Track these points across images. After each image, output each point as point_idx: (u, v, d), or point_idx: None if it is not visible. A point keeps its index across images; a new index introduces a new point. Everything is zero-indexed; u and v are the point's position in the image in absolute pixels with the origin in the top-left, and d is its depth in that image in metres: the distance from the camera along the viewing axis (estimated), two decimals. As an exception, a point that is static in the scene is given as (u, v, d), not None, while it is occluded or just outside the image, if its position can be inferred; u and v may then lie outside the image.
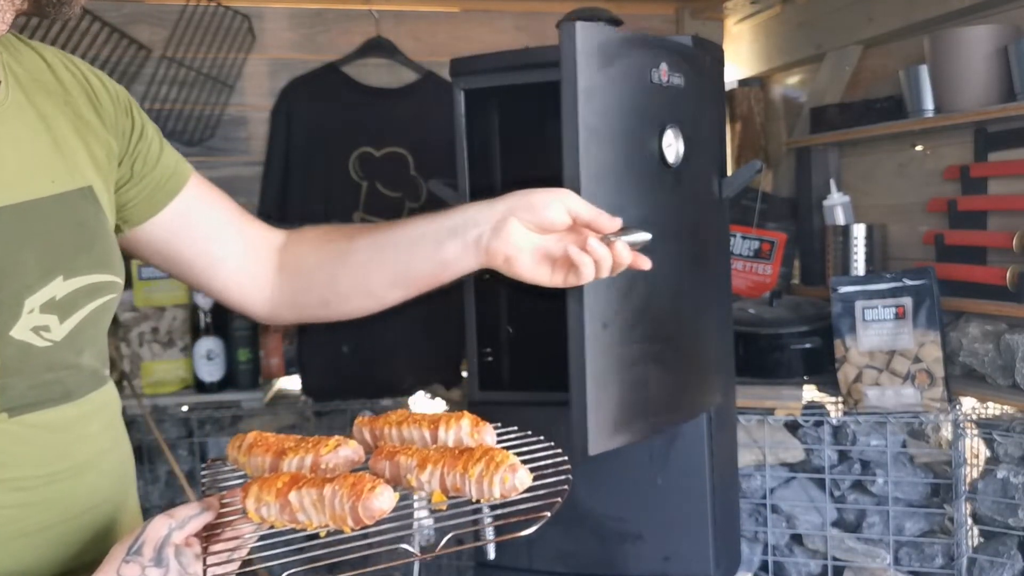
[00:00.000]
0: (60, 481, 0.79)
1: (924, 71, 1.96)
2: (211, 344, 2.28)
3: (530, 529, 0.73)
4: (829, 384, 2.05)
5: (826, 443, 1.98)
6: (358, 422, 0.93)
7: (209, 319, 2.28)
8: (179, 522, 0.72)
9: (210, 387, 2.30)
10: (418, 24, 2.63)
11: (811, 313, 2.15)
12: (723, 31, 2.86)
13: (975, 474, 1.91)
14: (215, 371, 2.29)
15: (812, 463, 2.01)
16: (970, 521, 1.89)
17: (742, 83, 2.76)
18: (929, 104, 1.97)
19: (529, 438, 0.89)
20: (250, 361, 2.33)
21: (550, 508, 0.75)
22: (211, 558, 0.73)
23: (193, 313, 2.32)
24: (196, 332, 2.30)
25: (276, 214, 2.38)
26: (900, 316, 1.91)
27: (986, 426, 1.85)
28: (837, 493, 2.00)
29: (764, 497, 1.99)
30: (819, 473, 1.98)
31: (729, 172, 1.83)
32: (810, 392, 2.09)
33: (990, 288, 1.84)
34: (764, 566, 2.00)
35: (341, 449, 0.82)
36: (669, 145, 1.37)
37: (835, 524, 2.00)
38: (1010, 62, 1.78)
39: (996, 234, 1.88)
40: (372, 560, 0.77)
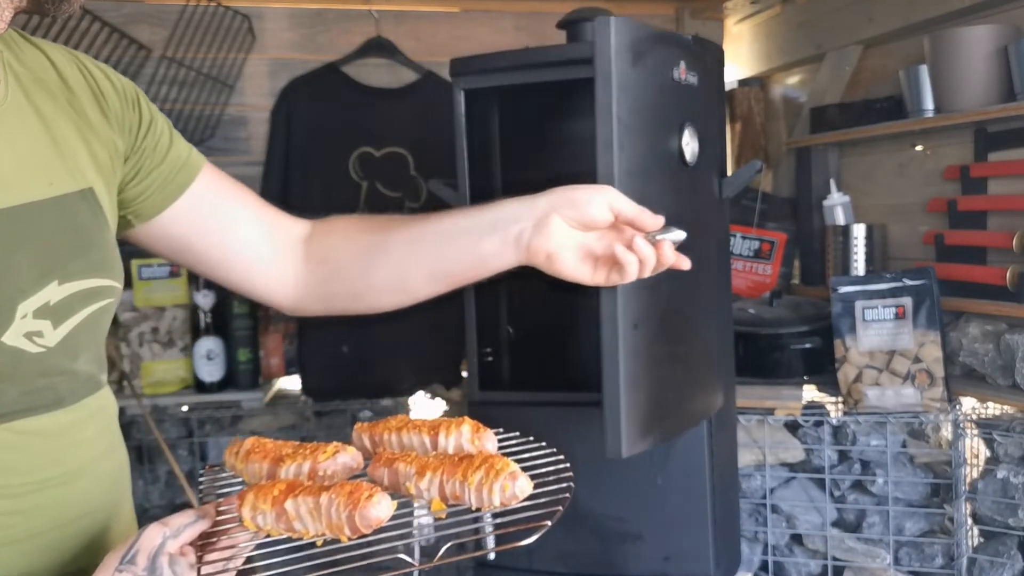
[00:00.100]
0: (51, 488, 0.77)
1: (924, 71, 1.96)
2: (211, 344, 2.28)
3: (530, 539, 0.72)
4: (829, 384, 2.05)
5: (826, 443, 1.98)
6: (357, 428, 0.91)
7: (209, 319, 2.28)
8: (174, 530, 0.71)
9: (210, 387, 2.30)
10: (418, 24, 2.63)
11: (811, 313, 2.15)
12: (723, 31, 2.86)
13: (975, 474, 1.91)
14: (215, 371, 2.29)
15: (812, 463, 2.01)
16: (970, 521, 1.89)
17: (742, 83, 2.76)
18: (929, 104, 1.97)
19: (531, 444, 0.88)
20: (250, 361, 2.33)
21: (551, 517, 0.74)
22: (206, 567, 0.71)
23: (193, 313, 2.32)
24: (196, 332, 2.30)
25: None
26: (900, 316, 1.91)
27: (986, 426, 1.85)
28: (837, 493, 2.00)
29: (764, 497, 1.99)
30: (819, 473, 1.98)
31: (729, 172, 1.83)
32: (810, 392, 2.09)
33: (990, 288, 1.84)
34: (764, 566, 2.00)
35: (339, 456, 0.81)
36: (687, 144, 1.37)
37: (835, 524, 2.00)
38: (1010, 62, 1.78)
39: (996, 234, 1.88)
40: (370, 570, 0.76)
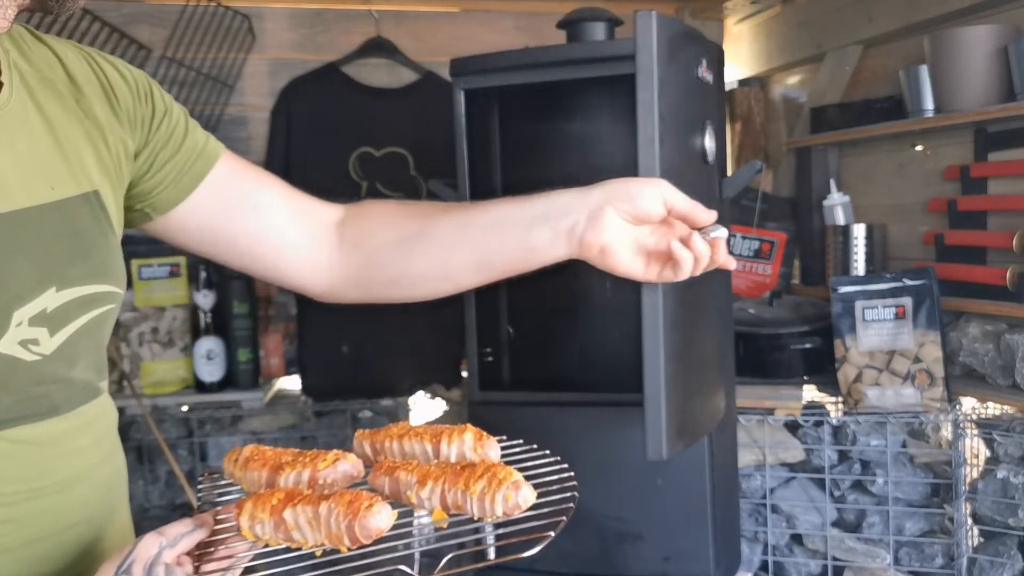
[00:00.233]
0: (45, 496, 0.76)
1: (924, 71, 1.96)
2: (211, 344, 2.28)
3: (533, 550, 0.71)
4: (829, 384, 2.05)
5: (826, 443, 1.98)
6: (358, 435, 0.90)
7: (209, 319, 2.28)
8: (170, 540, 0.69)
9: (210, 387, 2.30)
10: (418, 24, 2.63)
11: (811, 313, 2.15)
12: (723, 31, 2.86)
13: (975, 474, 1.91)
14: (215, 371, 2.29)
15: (812, 463, 2.01)
16: (970, 521, 1.89)
17: (742, 83, 2.76)
18: (929, 104, 1.97)
19: (535, 452, 0.87)
20: (250, 361, 2.32)
21: (554, 527, 0.72)
22: None
23: (193, 313, 2.32)
24: (196, 332, 2.30)
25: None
26: (900, 316, 1.91)
27: (986, 426, 1.85)
28: (837, 493, 2.00)
29: (764, 497, 1.99)
30: (819, 473, 1.98)
31: (729, 172, 1.83)
32: (810, 392, 2.09)
33: (990, 288, 1.84)
34: (764, 566, 2.00)
35: (340, 464, 0.80)
36: (708, 142, 1.37)
37: (835, 524, 2.00)
38: (1010, 62, 1.78)
39: (996, 234, 1.88)
40: None
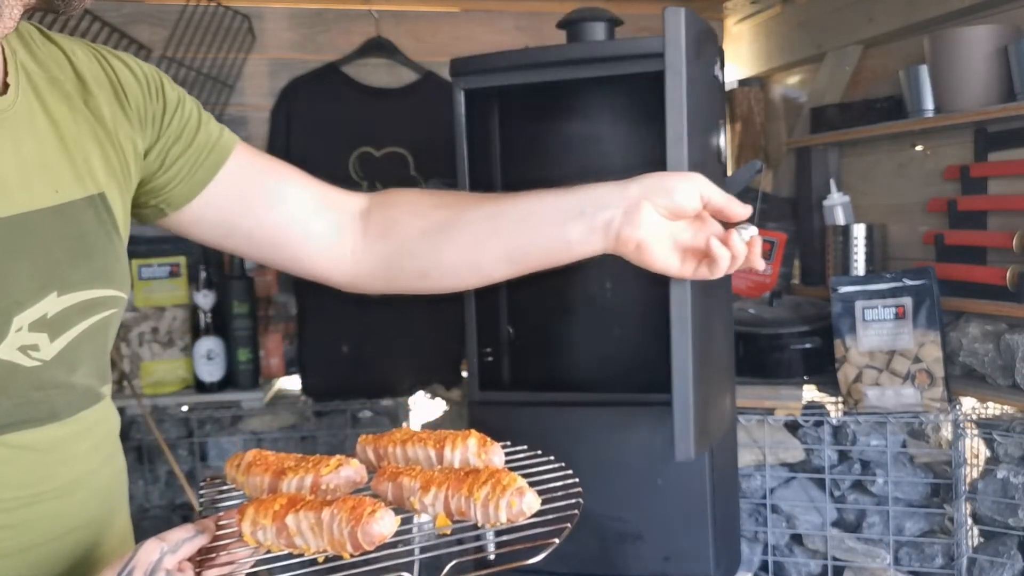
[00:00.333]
0: (42, 502, 0.76)
1: (924, 71, 1.96)
2: (211, 344, 2.28)
3: (538, 557, 0.71)
4: (829, 384, 2.05)
5: (826, 443, 1.98)
6: (361, 440, 0.90)
7: (209, 319, 2.28)
8: (172, 546, 0.69)
9: (210, 387, 2.30)
10: (418, 24, 2.63)
11: (811, 313, 2.15)
12: (723, 31, 2.86)
13: (975, 474, 1.91)
14: (215, 371, 2.29)
15: (812, 463, 2.01)
16: (970, 521, 1.89)
17: (742, 83, 2.76)
18: (929, 104, 1.97)
19: (539, 457, 0.87)
20: (250, 361, 2.32)
21: (559, 534, 0.72)
22: None
23: (193, 313, 2.32)
24: (196, 332, 2.30)
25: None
26: (900, 316, 1.91)
27: (986, 426, 1.85)
28: (837, 493, 2.00)
29: (764, 497, 1.99)
30: (819, 473, 1.98)
31: (729, 172, 1.83)
32: (810, 392, 2.09)
33: (990, 288, 1.84)
34: (764, 566, 2.00)
35: (342, 469, 0.80)
36: (722, 141, 1.38)
37: (835, 524, 2.00)
38: (1010, 62, 1.78)
39: (996, 234, 1.88)
40: None
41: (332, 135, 2.44)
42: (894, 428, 1.95)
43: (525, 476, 0.77)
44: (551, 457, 0.87)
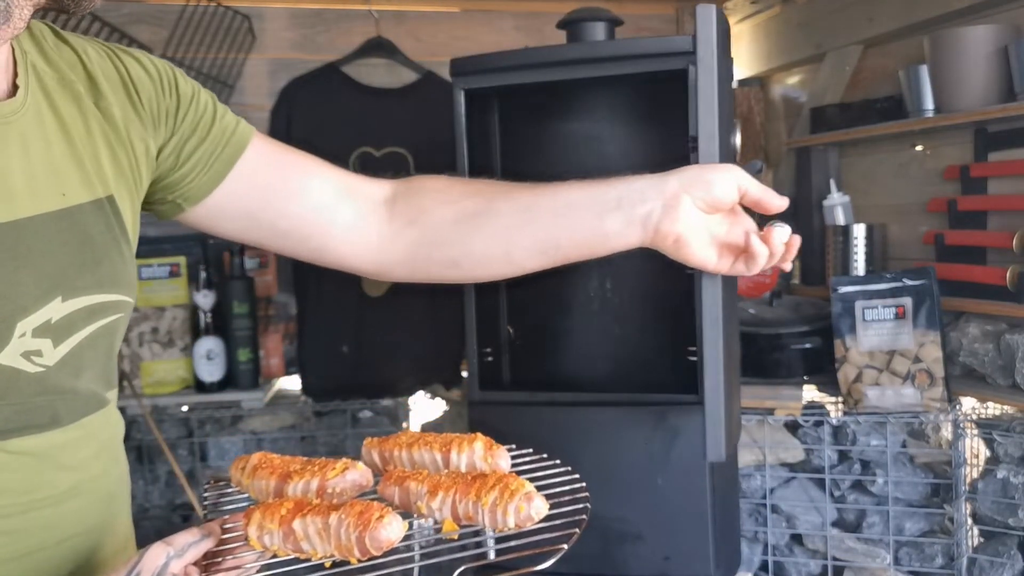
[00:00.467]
0: (41, 508, 0.75)
1: (924, 71, 1.96)
2: (211, 344, 2.28)
3: (547, 563, 0.71)
4: (829, 384, 2.05)
5: (826, 443, 1.98)
6: (367, 443, 0.90)
7: (209, 319, 2.28)
8: (178, 550, 0.69)
9: (210, 387, 2.30)
10: (418, 24, 2.63)
11: (811, 313, 2.15)
12: (723, 31, 2.86)
13: (975, 474, 1.91)
14: (215, 371, 2.29)
15: (812, 463, 2.01)
16: (970, 521, 1.89)
17: (742, 83, 2.76)
18: (929, 104, 1.97)
19: (545, 461, 0.86)
20: (250, 361, 2.32)
21: (567, 540, 0.71)
22: None
23: (193, 313, 2.32)
24: (196, 332, 2.30)
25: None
26: (900, 316, 1.91)
27: (986, 426, 1.85)
28: (837, 493, 2.00)
29: (764, 497, 1.99)
30: (819, 473, 1.98)
31: (729, 172, 1.83)
32: (810, 392, 2.09)
33: (990, 288, 1.84)
34: (764, 566, 2.00)
35: (348, 473, 0.80)
36: (737, 139, 1.38)
37: (835, 524, 2.00)
38: (1010, 62, 1.78)
39: (996, 234, 1.88)
40: None
41: (332, 135, 2.44)
42: (894, 428, 1.95)
43: (531, 480, 0.77)
44: (557, 460, 0.86)
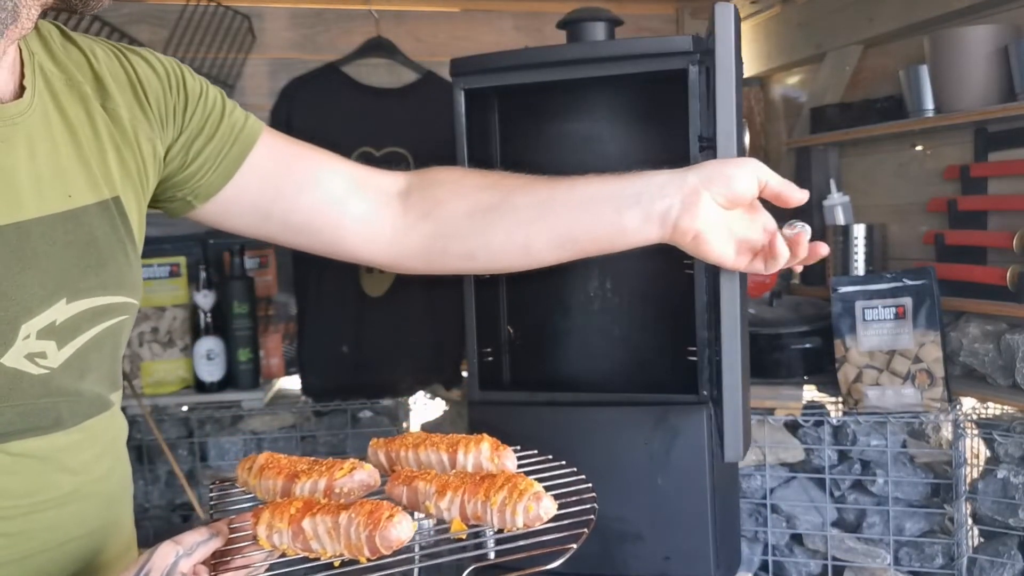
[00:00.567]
0: (44, 511, 0.75)
1: (924, 71, 1.96)
2: (211, 344, 2.28)
3: (556, 562, 0.70)
4: (829, 384, 2.05)
5: (826, 443, 1.98)
6: (373, 444, 0.90)
7: (209, 319, 2.28)
8: (187, 549, 0.69)
9: (210, 387, 2.30)
10: (418, 24, 2.63)
11: (811, 313, 2.15)
12: (723, 31, 2.86)
13: (975, 474, 1.91)
14: (215, 371, 2.29)
15: (812, 463, 2.01)
16: (970, 521, 1.89)
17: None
18: (929, 104, 1.97)
19: (551, 462, 0.86)
20: (250, 361, 2.32)
21: (576, 539, 0.72)
22: None
23: (193, 313, 2.32)
24: (196, 332, 2.30)
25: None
26: (900, 316, 1.91)
27: (986, 426, 1.85)
28: (837, 493, 2.00)
29: (764, 497, 1.99)
30: (819, 473, 1.98)
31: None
32: (810, 392, 2.09)
33: (990, 288, 1.84)
34: (764, 566, 2.00)
35: (356, 473, 0.80)
36: (746, 138, 1.37)
37: (835, 524, 2.00)
38: (1010, 62, 1.78)
39: (996, 234, 1.88)
40: None
41: (332, 135, 2.41)
42: (894, 428, 1.95)
43: (538, 480, 0.77)
44: (563, 461, 0.86)
